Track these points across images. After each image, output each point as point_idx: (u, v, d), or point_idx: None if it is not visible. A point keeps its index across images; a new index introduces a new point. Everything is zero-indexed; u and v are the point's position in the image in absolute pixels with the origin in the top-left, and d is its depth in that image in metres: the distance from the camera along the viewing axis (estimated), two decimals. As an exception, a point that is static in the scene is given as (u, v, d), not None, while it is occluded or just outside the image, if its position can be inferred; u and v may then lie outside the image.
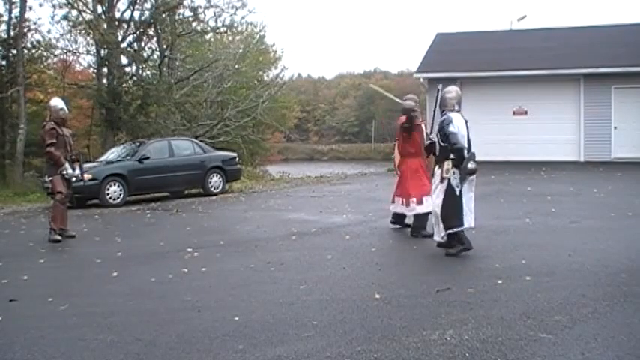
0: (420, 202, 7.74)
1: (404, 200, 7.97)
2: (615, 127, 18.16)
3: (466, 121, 6.66)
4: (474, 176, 6.51)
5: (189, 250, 7.39)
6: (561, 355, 3.63)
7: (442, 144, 6.49)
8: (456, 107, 6.64)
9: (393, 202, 8.24)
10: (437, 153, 6.66)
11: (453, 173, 6.41)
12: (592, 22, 57.70)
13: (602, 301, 4.65)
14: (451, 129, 6.39)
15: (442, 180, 6.50)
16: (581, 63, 18.64)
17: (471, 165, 6.38)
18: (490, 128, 19.03)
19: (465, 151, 6.44)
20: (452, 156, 6.41)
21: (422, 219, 7.76)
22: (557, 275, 5.48)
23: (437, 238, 6.73)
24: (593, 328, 4.07)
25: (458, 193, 6.43)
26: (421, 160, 7.94)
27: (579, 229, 7.90)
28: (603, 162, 17.33)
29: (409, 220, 8.06)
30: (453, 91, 6.73)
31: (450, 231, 6.51)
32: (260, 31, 32.79)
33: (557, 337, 3.92)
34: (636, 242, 6.88)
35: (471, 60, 19.84)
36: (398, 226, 8.27)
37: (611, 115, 18.21)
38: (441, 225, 6.58)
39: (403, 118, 7.99)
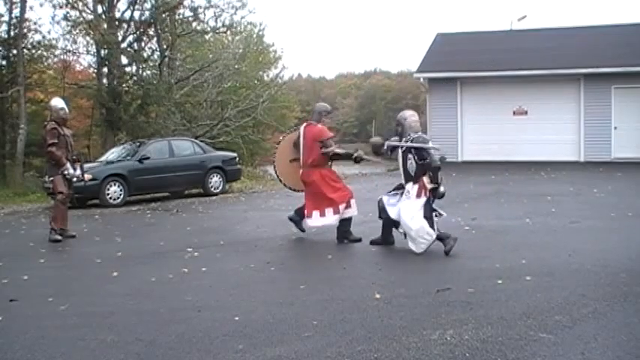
0: (349, 206, 7.57)
1: (326, 210, 7.52)
2: (615, 127, 18.16)
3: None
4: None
5: (189, 250, 7.39)
6: (561, 355, 3.63)
7: (419, 162, 6.67)
8: (419, 132, 6.91)
9: (311, 216, 7.63)
10: (411, 172, 6.77)
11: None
12: (592, 22, 57.69)
13: (602, 301, 4.65)
14: (430, 145, 6.69)
15: (419, 195, 6.63)
16: (581, 63, 18.64)
17: (442, 189, 6.65)
18: (490, 128, 19.06)
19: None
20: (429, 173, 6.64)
21: (347, 224, 7.57)
22: (557, 275, 5.48)
23: (415, 248, 6.68)
24: (593, 328, 4.07)
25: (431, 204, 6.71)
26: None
27: (579, 229, 7.90)
28: (603, 162, 17.33)
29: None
30: (415, 114, 7.08)
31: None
32: (260, 31, 32.81)
33: (557, 337, 3.92)
34: (636, 242, 6.87)
35: (471, 60, 19.84)
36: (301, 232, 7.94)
37: (611, 115, 18.21)
38: (421, 237, 6.60)
39: (326, 131, 7.76)
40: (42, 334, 4.38)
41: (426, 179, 6.66)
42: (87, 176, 9.74)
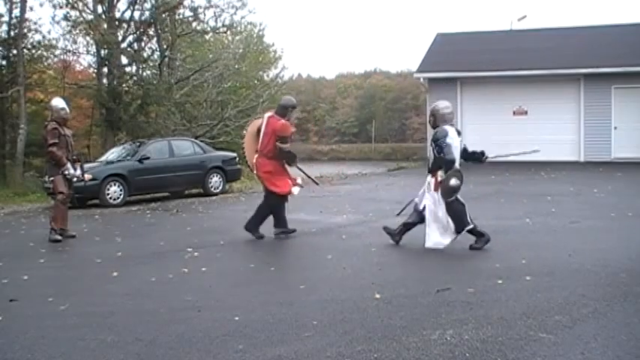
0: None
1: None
2: (615, 127, 18.17)
3: (459, 133, 6.98)
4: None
5: (189, 250, 7.39)
6: (561, 355, 3.63)
7: (436, 155, 6.72)
8: (453, 122, 6.97)
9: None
10: (430, 163, 6.88)
11: None
12: (592, 22, 57.61)
13: (602, 301, 4.65)
14: (447, 140, 6.65)
15: (436, 187, 6.72)
16: (581, 63, 18.66)
17: (453, 182, 6.57)
18: (490, 128, 19.06)
19: (455, 164, 6.68)
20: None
21: (258, 216, 7.97)
22: (557, 275, 5.48)
23: (429, 244, 6.75)
24: (593, 328, 4.07)
25: (455, 198, 6.70)
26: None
27: (579, 229, 7.90)
28: (603, 162, 17.35)
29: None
30: (450, 106, 7.02)
31: (465, 230, 6.72)
32: (260, 31, 32.79)
33: (557, 337, 3.92)
34: (636, 242, 6.87)
35: (471, 60, 19.85)
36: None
37: (611, 115, 18.23)
38: (434, 231, 6.74)
39: (289, 128, 7.92)
40: (42, 334, 4.38)
41: (440, 172, 6.69)
42: (87, 176, 9.74)
